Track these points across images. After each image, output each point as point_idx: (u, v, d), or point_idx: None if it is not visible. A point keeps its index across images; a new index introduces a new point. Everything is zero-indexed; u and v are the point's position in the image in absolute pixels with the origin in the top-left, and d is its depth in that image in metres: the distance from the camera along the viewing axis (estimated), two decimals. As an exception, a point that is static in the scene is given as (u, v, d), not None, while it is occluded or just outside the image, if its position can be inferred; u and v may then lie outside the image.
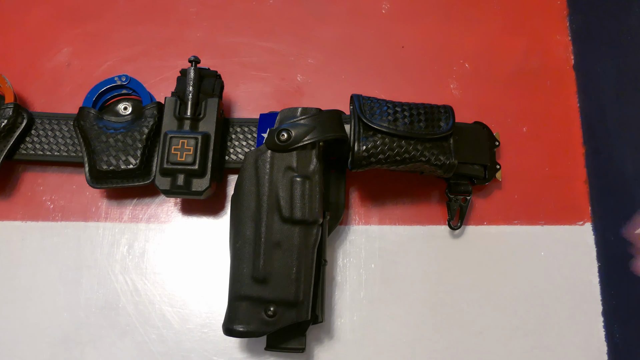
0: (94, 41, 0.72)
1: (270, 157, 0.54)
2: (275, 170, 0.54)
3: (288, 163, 0.54)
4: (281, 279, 0.52)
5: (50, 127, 0.65)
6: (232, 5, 0.74)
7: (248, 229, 0.54)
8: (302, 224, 0.53)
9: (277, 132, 0.54)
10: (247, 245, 0.53)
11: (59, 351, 0.60)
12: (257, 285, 0.52)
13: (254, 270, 0.53)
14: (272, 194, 0.53)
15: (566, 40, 0.73)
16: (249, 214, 0.54)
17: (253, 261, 0.53)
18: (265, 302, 0.52)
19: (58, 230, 0.64)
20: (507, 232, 0.64)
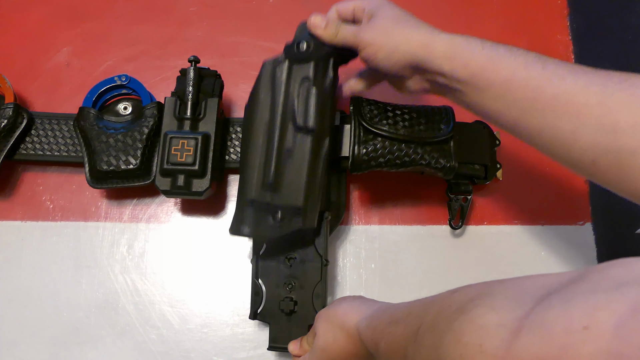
0: (93, 41, 0.72)
1: (288, 67, 0.54)
2: (292, 80, 0.54)
3: (305, 73, 0.54)
4: (290, 186, 0.53)
5: (50, 127, 0.64)
6: (232, 5, 0.74)
7: (260, 136, 0.54)
8: (315, 134, 0.53)
9: (298, 42, 0.54)
10: (259, 153, 0.54)
11: (59, 351, 0.60)
12: (267, 191, 0.53)
13: (264, 177, 0.53)
14: (288, 103, 0.54)
15: (566, 39, 0.73)
16: (263, 122, 0.54)
17: (264, 168, 0.54)
18: (273, 208, 0.53)
19: (58, 230, 0.64)
20: (507, 232, 0.64)
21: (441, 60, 0.45)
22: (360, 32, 0.49)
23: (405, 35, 0.47)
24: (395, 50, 0.47)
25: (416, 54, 0.46)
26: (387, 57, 0.48)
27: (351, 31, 0.51)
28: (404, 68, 0.48)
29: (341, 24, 0.52)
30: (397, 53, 0.47)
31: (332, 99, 0.55)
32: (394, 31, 0.47)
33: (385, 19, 0.48)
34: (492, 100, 0.44)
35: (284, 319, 0.54)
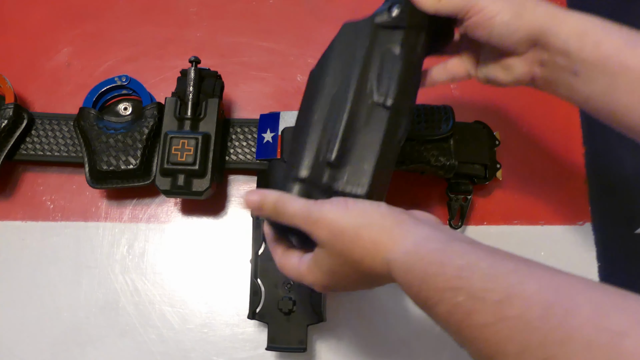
0: (94, 41, 0.72)
1: (373, 32, 0.45)
2: (375, 47, 0.45)
3: (392, 42, 0.45)
4: (355, 168, 0.43)
5: (50, 127, 0.65)
6: (232, 5, 0.74)
7: (325, 108, 0.45)
8: (392, 112, 0.44)
9: (390, 5, 0.45)
10: (320, 127, 0.44)
11: (59, 351, 0.60)
12: (324, 170, 0.43)
13: (324, 153, 0.43)
14: (366, 73, 0.45)
15: (566, 40, 0.72)
16: (331, 92, 0.45)
17: (326, 144, 0.44)
18: (330, 192, 0.43)
19: (58, 230, 0.64)
20: (507, 232, 0.64)
21: (569, 35, 0.39)
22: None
23: (530, 4, 0.40)
24: (518, 16, 0.40)
25: (542, 24, 0.40)
26: (507, 23, 0.40)
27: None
28: (522, 41, 0.41)
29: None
30: (520, 20, 0.40)
31: (417, 79, 0.47)
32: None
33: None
34: (623, 89, 0.37)
35: (282, 319, 0.54)
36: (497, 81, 0.46)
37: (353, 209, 0.37)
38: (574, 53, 0.39)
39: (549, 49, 0.40)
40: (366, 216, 0.37)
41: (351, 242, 0.36)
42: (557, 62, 0.40)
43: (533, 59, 0.42)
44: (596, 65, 0.38)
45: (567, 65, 0.40)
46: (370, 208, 0.38)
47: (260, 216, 0.43)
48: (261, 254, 0.56)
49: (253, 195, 0.41)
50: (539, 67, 0.42)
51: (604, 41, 0.38)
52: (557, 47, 0.39)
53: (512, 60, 0.43)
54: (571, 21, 0.39)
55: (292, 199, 0.40)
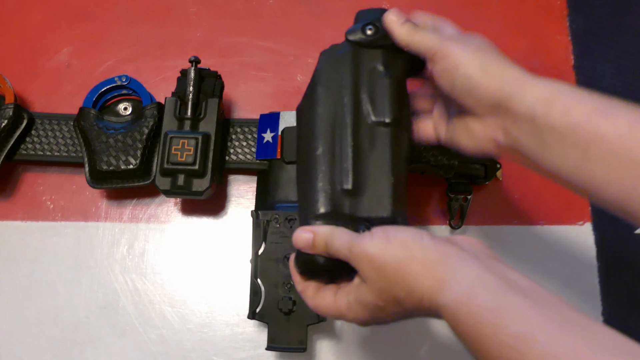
0: (94, 41, 0.72)
1: (354, 54, 0.45)
2: (360, 68, 0.45)
3: (374, 61, 0.45)
4: (373, 191, 0.42)
5: (50, 127, 0.65)
6: (232, 5, 0.74)
7: (327, 139, 0.43)
8: (392, 127, 0.44)
9: (363, 25, 0.45)
10: (326, 159, 0.43)
11: (59, 351, 0.60)
12: (344, 200, 0.42)
13: (339, 183, 0.42)
14: (357, 96, 0.44)
15: (566, 40, 0.73)
16: (327, 122, 0.44)
17: (337, 172, 0.43)
18: (356, 220, 0.41)
19: (58, 230, 0.64)
20: (507, 232, 0.64)
21: (535, 100, 0.36)
22: (446, 39, 0.40)
23: (499, 62, 0.38)
24: (483, 72, 0.38)
25: (507, 85, 0.37)
26: (470, 77, 0.38)
27: (433, 36, 0.41)
28: (483, 100, 0.38)
29: (422, 28, 0.42)
30: (485, 76, 0.38)
31: (406, 93, 0.46)
32: (486, 53, 0.39)
33: (476, 40, 0.40)
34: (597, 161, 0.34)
35: (282, 319, 0.54)
36: (461, 146, 0.43)
37: (394, 241, 0.35)
38: (541, 120, 0.36)
39: (513, 114, 0.37)
40: (408, 249, 0.34)
41: (394, 278, 0.34)
42: (523, 129, 0.37)
43: (495, 124, 0.39)
44: (566, 134, 0.35)
45: (534, 133, 0.36)
46: (412, 240, 0.35)
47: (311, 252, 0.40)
48: (261, 254, 0.56)
49: (304, 233, 0.39)
50: (503, 134, 0.39)
51: (574, 108, 0.35)
52: (521, 112, 0.36)
53: (474, 122, 0.40)
54: (538, 86, 0.37)
55: (340, 232, 0.38)
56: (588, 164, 0.34)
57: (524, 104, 0.36)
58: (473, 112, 0.40)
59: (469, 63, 0.38)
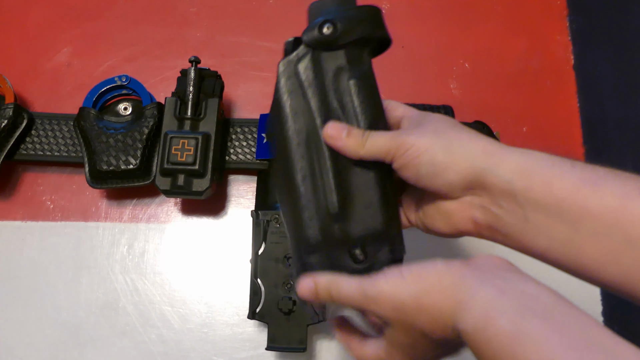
0: (94, 41, 0.72)
1: (314, 60, 0.41)
2: (323, 73, 0.41)
3: (338, 63, 0.41)
4: (363, 206, 0.39)
5: (50, 127, 0.64)
6: (232, 5, 0.74)
7: (302, 159, 0.40)
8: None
9: (319, 24, 0.40)
10: (307, 181, 0.40)
11: (59, 351, 0.60)
12: (333, 225, 0.39)
13: (325, 208, 0.39)
14: (326, 104, 0.40)
15: (566, 40, 0.73)
16: (301, 138, 0.40)
17: (321, 195, 0.39)
18: (349, 244, 0.39)
19: (58, 230, 0.64)
20: (507, 232, 0.64)
21: (512, 173, 0.33)
22: (400, 134, 0.37)
23: (464, 139, 0.36)
24: (448, 153, 0.35)
25: (477, 161, 0.35)
26: (434, 162, 0.35)
27: (385, 136, 0.37)
28: (454, 182, 0.36)
29: (369, 131, 0.38)
30: (450, 157, 0.35)
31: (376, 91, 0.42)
32: (449, 132, 0.36)
33: (436, 121, 0.38)
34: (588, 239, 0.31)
35: (282, 319, 0.54)
36: (435, 230, 0.40)
37: (408, 276, 0.34)
38: (521, 194, 0.33)
39: (490, 190, 0.35)
40: (424, 280, 0.33)
41: (416, 314, 0.33)
42: (503, 206, 0.34)
43: (471, 204, 0.36)
44: (549, 210, 0.32)
45: (515, 210, 0.34)
46: (425, 270, 0.33)
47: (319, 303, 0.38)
48: (261, 254, 0.56)
49: (305, 281, 0.37)
50: (481, 213, 0.36)
51: (555, 180, 0.32)
52: (499, 188, 0.34)
53: (449, 204, 0.38)
54: (513, 157, 0.34)
55: (343, 280, 0.36)
56: (578, 242, 0.32)
57: (501, 179, 0.34)
58: (445, 195, 0.37)
59: (429, 149, 0.36)
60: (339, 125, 0.38)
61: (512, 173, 0.33)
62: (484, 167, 0.34)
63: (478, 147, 0.35)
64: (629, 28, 0.66)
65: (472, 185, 0.35)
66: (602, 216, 0.31)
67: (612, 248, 0.31)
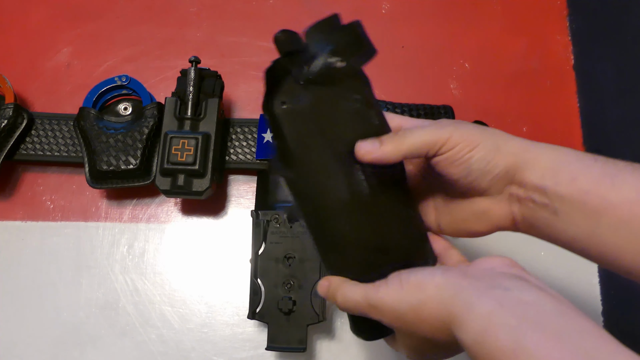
0: (94, 41, 0.72)
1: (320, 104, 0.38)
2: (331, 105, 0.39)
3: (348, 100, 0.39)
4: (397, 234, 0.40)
5: (50, 127, 0.65)
6: (232, 5, 0.74)
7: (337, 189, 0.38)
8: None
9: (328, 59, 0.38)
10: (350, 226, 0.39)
11: (59, 351, 0.60)
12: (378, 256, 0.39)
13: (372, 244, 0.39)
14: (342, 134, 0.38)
15: (566, 40, 0.73)
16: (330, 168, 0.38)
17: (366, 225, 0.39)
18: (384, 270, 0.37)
19: (58, 230, 0.64)
20: (507, 232, 0.64)
21: (544, 169, 0.35)
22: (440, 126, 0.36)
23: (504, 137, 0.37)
24: (497, 150, 0.36)
25: (517, 158, 0.36)
26: (486, 158, 0.36)
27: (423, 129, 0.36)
28: (499, 177, 0.36)
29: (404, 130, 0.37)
30: (499, 153, 0.36)
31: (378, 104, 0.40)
32: (487, 130, 0.37)
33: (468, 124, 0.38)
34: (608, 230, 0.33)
35: (282, 319, 0.54)
36: (472, 232, 0.40)
37: (407, 285, 0.34)
38: (551, 190, 0.34)
39: (526, 185, 0.36)
40: (422, 291, 0.33)
41: (415, 323, 0.34)
42: (535, 200, 0.36)
43: (510, 199, 0.37)
44: (574, 203, 0.34)
45: (546, 203, 0.35)
46: (424, 280, 0.34)
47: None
48: (261, 254, 0.56)
49: (323, 280, 0.39)
50: (518, 208, 0.37)
51: (580, 175, 0.34)
52: (533, 183, 0.35)
53: (486, 202, 0.38)
54: (546, 154, 0.35)
55: (350, 286, 0.37)
56: (600, 233, 0.33)
57: (535, 175, 0.35)
58: (485, 193, 0.38)
59: (481, 143, 0.36)
60: (367, 140, 0.37)
61: (543, 169, 0.35)
62: (522, 162, 0.36)
63: (517, 144, 0.36)
64: (629, 28, 0.66)
65: (512, 180, 0.36)
66: (620, 208, 0.32)
67: (630, 238, 0.32)
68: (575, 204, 0.34)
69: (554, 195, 0.34)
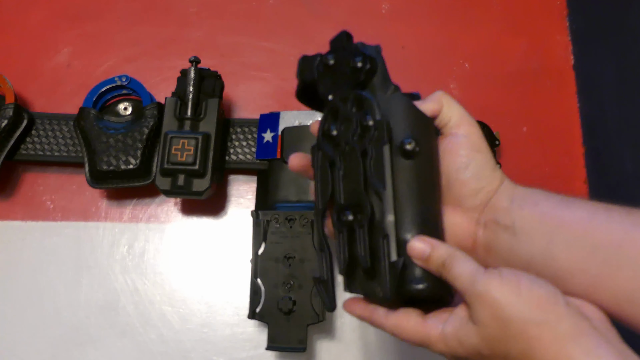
0: (94, 41, 0.72)
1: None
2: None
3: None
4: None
5: (50, 127, 0.65)
6: (232, 5, 0.74)
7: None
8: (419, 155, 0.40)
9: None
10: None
11: (59, 351, 0.60)
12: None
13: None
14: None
15: (566, 40, 0.73)
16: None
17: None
18: None
19: (58, 230, 0.64)
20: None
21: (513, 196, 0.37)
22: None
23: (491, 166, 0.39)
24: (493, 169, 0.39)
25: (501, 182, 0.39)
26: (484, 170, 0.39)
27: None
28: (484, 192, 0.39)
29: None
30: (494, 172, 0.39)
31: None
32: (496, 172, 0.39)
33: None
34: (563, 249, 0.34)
35: (282, 319, 0.54)
36: None
37: (526, 295, 0.32)
38: (515, 211, 0.37)
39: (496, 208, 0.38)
40: (542, 311, 0.31)
41: (515, 336, 0.31)
42: (499, 221, 0.37)
43: (478, 220, 0.38)
44: (533, 222, 0.36)
45: (508, 225, 0.36)
46: (547, 300, 0.32)
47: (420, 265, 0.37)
48: (261, 254, 0.56)
49: (421, 244, 0.36)
50: (482, 230, 0.38)
51: (542, 201, 0.37)
52: (502, 205, 0.37)
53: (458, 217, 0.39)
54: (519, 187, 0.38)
55: (464, 258, 0.35)
56: (553, 253, 0.34)
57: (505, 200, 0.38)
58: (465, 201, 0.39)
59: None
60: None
61: (513, 195, 0.38)
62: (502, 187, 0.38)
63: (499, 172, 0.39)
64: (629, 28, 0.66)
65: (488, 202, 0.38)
66: (572, 226, 0.34)
67: (581, 256, 0.34)
68: (534, 223, 0.36)
69: (517, 215, 0.37)
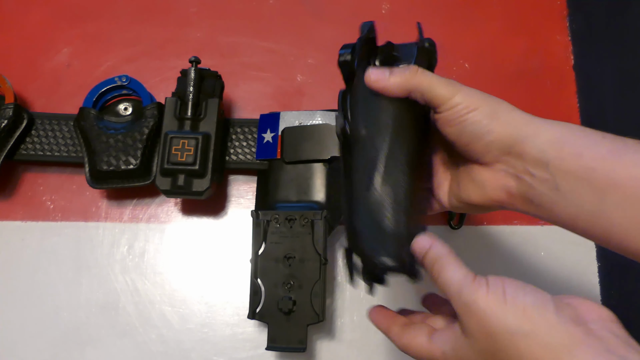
0: (94, 41, 0.72)
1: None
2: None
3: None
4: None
5: (50, 127, 0.65)
6: (232, 5, 0.74)
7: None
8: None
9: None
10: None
11: (59, 351, 0.60)
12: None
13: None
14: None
15: (566, 40, 0.73)
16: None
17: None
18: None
19: (58, 230, 0.64)
20: (507, 232, 0.64)
21: (546, 143, 0.34)
22: (453, 83, 0.37)
23: (507, 107, 0.37)
24: (494, 116, 0.36)
25: (517, 128, 0.35)
26: (480, 122, 0.36)
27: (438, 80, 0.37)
28: (494, 145, 0.36)
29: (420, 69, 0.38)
30: (496, 120, 0.35)
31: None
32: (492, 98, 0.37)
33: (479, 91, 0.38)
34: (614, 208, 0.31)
35: (282, 319, 0.54)
36: (470, 202, 0.39)
37: (512, 303, 0.31)
38: (553, 164, 0.33)
39: (525, 158, 0.35)
40: (529, 321, 0.30)
41: (504, 348, 0.30)
42: (535, 174, 0.34)
43: (506, 171, 0.36)
44: (580, 179, 0.32)
45: (547, 178, 0.34)
46: (534, 308, 0.30)
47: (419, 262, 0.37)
48: (261, 254, 0.56)
49: (424, 240, 0.36)
50: (515, 181, 0.36)
51: (586, 151, 0.32)
52: (533, 156, 0.34)
53: (483, 172, 0.38)
54: (548, 128, 0.35)
55: (453, 265, 0.34)
56: (605, 211, 0.32)
57: (536, 148, 0.34)
58: (481, 161, 0.37)
59: (478, 107, 0.36)
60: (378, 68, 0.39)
61: (546, 143, 0.34)
62: (522, 135, 0.35)
63: (518, 115, 0.36)
64: (629, 28, 0.66)
65: (509, 151, 0.35)
66: (627, 186, 0.31)
67: (637, 217, 0.31)
68: (580, 180, 0.32)
69: (556, 170, 0.33)
